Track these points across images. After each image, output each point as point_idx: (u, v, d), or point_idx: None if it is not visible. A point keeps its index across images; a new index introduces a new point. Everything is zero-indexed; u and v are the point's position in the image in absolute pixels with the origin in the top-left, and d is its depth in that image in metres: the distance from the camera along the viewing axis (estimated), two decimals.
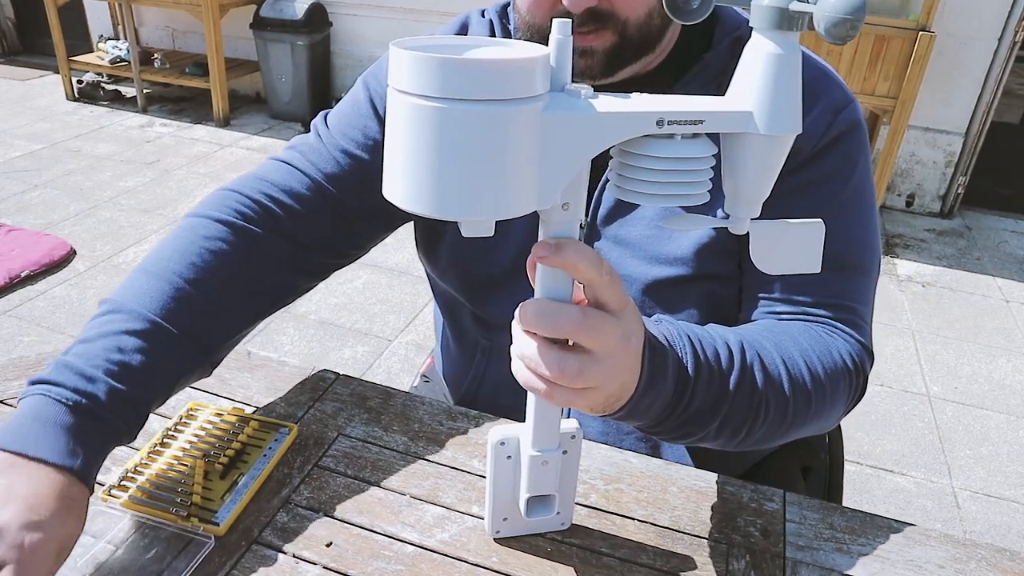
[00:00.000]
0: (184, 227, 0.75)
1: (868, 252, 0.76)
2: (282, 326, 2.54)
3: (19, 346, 2.35)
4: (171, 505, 0.68)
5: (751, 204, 0.53)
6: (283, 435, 0.77)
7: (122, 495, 0.69)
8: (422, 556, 0.66)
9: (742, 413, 0.63)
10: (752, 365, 0.64)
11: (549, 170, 0.46)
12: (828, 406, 0.69)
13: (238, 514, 0.68)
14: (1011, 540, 1.86)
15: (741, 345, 0.64)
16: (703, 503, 0.73)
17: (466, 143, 0.43)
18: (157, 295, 0.68)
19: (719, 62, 0.75)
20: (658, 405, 0.58)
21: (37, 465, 0.56)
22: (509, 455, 0.63)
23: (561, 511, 0.67)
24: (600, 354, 0.51)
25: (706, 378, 0.60)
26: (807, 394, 0.67)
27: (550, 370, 0.50)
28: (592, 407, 0.54)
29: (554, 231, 0.51)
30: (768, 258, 0.55)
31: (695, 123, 0.47)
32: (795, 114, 0.48)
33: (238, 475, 0.72)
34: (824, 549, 0.69)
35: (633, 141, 0.49)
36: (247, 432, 0.77)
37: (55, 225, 3.10)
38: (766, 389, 0.64)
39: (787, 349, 0.67)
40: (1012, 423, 2.28)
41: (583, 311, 0.50)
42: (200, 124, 4.36)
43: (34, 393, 0.60)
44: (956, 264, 3.26)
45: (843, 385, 0.70)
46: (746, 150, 0.50)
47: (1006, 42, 3.31)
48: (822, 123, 0.73)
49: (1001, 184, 3.79)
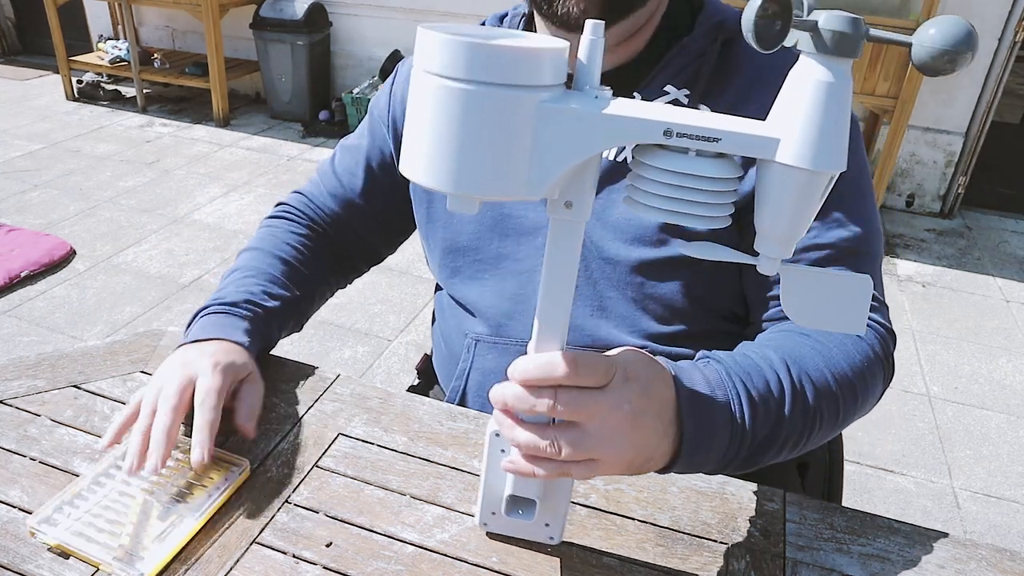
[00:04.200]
0: (272, 225, 0.98)
1: (876, 237, 0.77)
2: None
3: (19, 346, 2.35)
4: (98, 545, 0.64)
5: (782, 243, 0.48)
6: (234, 474, 0.72)
7: (50, 530, 0.64)
8: (422, 556, 0.66)
9: (799, 430, 0.65)
10: (801, 382, 0.65)
11: (541, 162, 0.46)
12: (870, 395, 0.72)
13: (168, 561, 0.63)
14: (1011, 540, 1.86)
15: (787, 365, 0.66)
16: (703, 503, 0.73)
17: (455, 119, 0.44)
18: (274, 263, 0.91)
19: (696, 46, 0.77)
20: (716, 454, 0.59)
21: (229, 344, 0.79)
22: (503, 448, 0.61)
23: (550, 524, 0.65)
24: (588, 426, 0.52)
25: (762, 414, 0.62)
26: (853, 391, 0.69)
27: (546, 450, 0.52)
28: (615, 472, 0.55)
29: (558, 231, 0.51)
30: (802, 309, 0.50)
31: (709, 140, 0.45)
32: (841, 149, 0.44)
33: (177, 516, 0.67)
34: (824, 549, 0.69)
35: (646, 151, 0.47)
36: (196, 468, 0.71)
37: (55, 225, 3.10)
38: (818, 402, 0.66)
39: (825, 351, 0.69)
40: (1012, 423, 2.28)
41: (557, 390, 0.52)
42: (200, 124, 4.36)
43: (212, 312, 0.82)
44: (956, 264, 3.26)
45: (878, 371, 0.73)
46: (779, 182, 0.45)
47: (1006, 42, 3.31)
48: None
49: (1001, 184, 3.79)
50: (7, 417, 0.79)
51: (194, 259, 2.92)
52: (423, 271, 2.87)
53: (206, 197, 3.45)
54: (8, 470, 0.72)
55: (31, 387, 0.83)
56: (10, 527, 0.66)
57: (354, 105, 4.16)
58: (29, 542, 0.65)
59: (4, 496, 0.69)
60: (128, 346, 0.91)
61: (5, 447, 0.75)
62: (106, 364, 0.87)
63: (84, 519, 0.66)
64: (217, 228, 3.18)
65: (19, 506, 0.68)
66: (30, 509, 0.68)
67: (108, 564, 0.63)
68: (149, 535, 0.65)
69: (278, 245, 0.93)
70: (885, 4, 3.22)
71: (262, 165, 3.84)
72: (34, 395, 0.82)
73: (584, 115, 0.45)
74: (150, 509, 0.68)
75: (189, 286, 2.74)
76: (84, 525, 0.66)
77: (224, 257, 2.94)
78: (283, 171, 3.79)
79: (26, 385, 0.83)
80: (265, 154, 3.98)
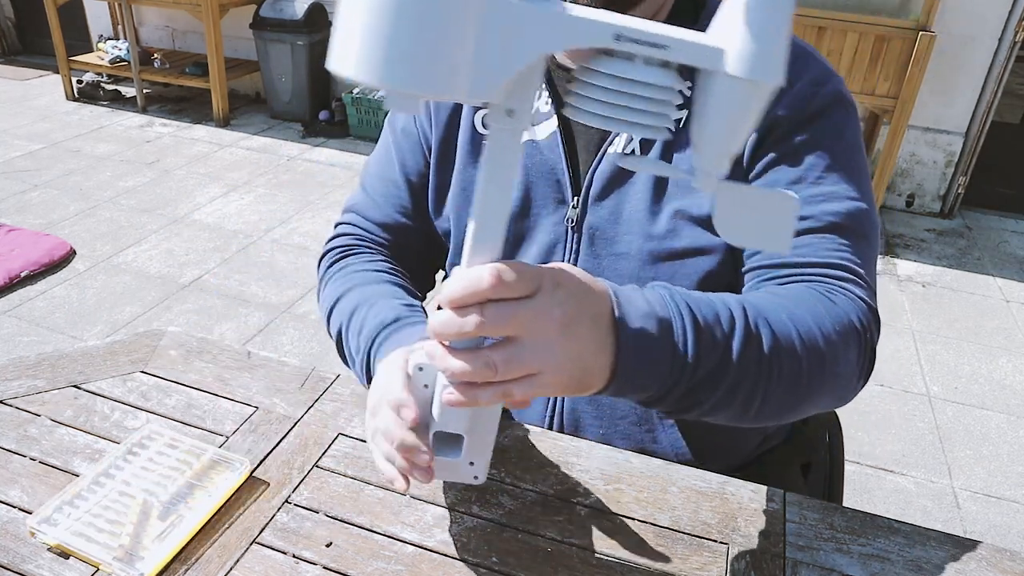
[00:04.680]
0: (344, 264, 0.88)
1: (868, 222, 0.75)
2: (282, 326, 2.54)
3: (19, 346, 2.35)
4: (97, 545, 0.64)
5: (719, 157, 0.48)
6: (234, 474, 0.72)
7: (50, 530, 0.65)
8: (422, 556, 0.66)
9: (752, 376, 0.59)
10: (757, 324, 0.60)
11: (486, 59, 0.43)
12: (842, 366, 0.66)
13: (168, 561, 0.64)
14: (1011, 540, 1.86)
15: (743, 306, 0.61)
16: (703, 503, 0.73)
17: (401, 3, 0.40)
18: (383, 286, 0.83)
19: None
20: (656, 374, 0.55)
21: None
22: (426, 384, 0.58)
23: (475, 462, 0.61)
24: (523, 337, 0.50)
25: (707, 341, 0.57)
26: (820, 354, 0.64)
27: (481, 372, 0.50)
28: (556, 390, 0.52)
29: (496, 141, 0.48)
30: (732, 225, 0.51)
31: (657, 47, 0.44)
32: (778, 61, 0.44)
33: (176, 516, 0.67)
34: (824, 549, 0.69)
35: (590, 56, 0.46)
36: (196, 468, 0.72)
37: (55, 225, 3.10)
38: (775, 347, 0.61)
39: (792, 307, 0.65)
40: (1012, 423, 2.28)
41: (483, 305, 0.49)
42: (200, 124, 4.36)
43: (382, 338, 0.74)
44: (956, 264, 3.26)
45: (854, 344, 0.67)
46: (718, 93, 0.45)
47: (1006, 42, 3.31)
48: (803, 96, 0.74)
49: (1001, 184, 3.79)
50: (7, 417, 0.79)
51: (194, 259, 2.92)
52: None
53: (206, 197, 3.45)
54: (8, 470, 0.72)
55: (31, 387, 0.83)
56: (10, 527, 0.66)
57: (354, 105, 4.16)
58: (29, 542, 0.65)
59: (4, 496, 0.69)
60: (128, 346, 0.91)
61: (5, 447, 0.75)
62: (106, 364, 0.87)
63: (84, 519, 0.66)
64: (217, 228, 3.18)
65: (19, 506, 0.68)
66: (30, 509, 0.68)
67: (108, 564, 0.63)
68: (149, 535, 0.65)
69: (369, 275, 0.85)
70: (885, 4, 3.22)
71: (262, 165, 3.84)
72: (34, 395, 0.82)
73: (538, 12, 0.43)
74: (150, 509, 0.68)
75: (189, 286, 2.74)
76: (84, 525, 0.66)
77: (224, 257, 2.95)
78: (283, 171, 3.79)
79: (26, 385, 0.83)
80: (265, 154, 3.98)
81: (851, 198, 0.74)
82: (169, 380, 0.85)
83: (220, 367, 0.88)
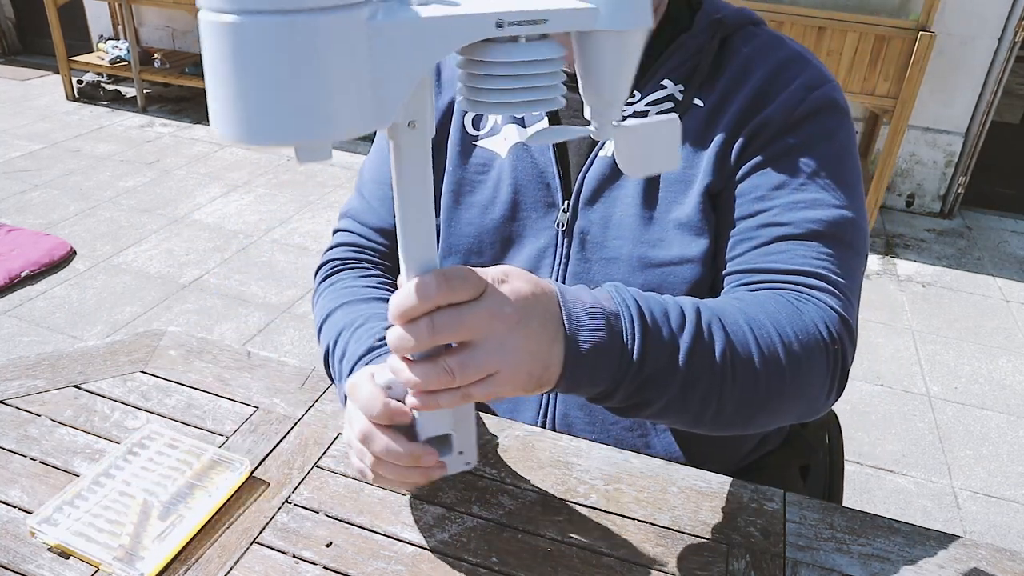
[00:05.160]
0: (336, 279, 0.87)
1: (853, 230, 0.72)
2: (282, 326, 2.54)
3: (19, 346, 2.35)
4: (98, 545, 0.64)
5: (611, 107, 0.51)
6: (234, 474, 0.72)
7: (50, 530, 0.65)
8: (422, 556, 0.66)
9: (706, 378, 0.58)
10: (710, 325, 0.59)
11: (384, 84, 0.42)
12: (805, 376, 0.64)
13: (168, 561, 0.64)
14: (1011, 540, 1.86)
15: (696, 307, 0.60)
16: (703, 503, 0.73)
17: (276, 60, 0.38)
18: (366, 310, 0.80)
19: (695, 42, 0.77)
20: (605, 366, 0.54)
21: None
22: (399, 399, 0.58)
23: (464, 451, 0.62)
24: (476, 340, 0.50)
25: (656, 335, 0.56)
26: (778, 361, 0.62)
27: (440, 379, 0.50)
28: (515, 389, 0.52)
29: (404, 155, 0.48)
30: (632, 160, 0.55)
31: (538, 23, 0.45)
32: (645, 5, 0.48)
33: (176, 516, 0.67)
34: (824, 549, 0.69)
35: (477, 48, 0.46)
36: (196, 468, 0.72)
37: (55, 225, 3.10)
38: (729, 350, 0.59)
39: (751, 312, 0.63)
40: (1012, 423, 2.28)
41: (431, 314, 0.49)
42: (200, 124, 4.36)
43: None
44: (956, 264, 3.26)
45: (819, 354, 0.64)
46: (599, 50, 0.48)
47: (1006, 42, 3.31)
48: (794, 99, 0.74)
49: (1001, 184, 3.79)
50: (7, 417, 0.79)
51: (194, 259, 2.92)
52: None
53: (206, 197, 3.45)
54: (8, 470, 0.72)
55: (31, 387, 0.83)
56: (10, 527, 0.66)
57: None
58: (29, 542, 0.65)
59: (4, 496, 0.69)
60: (128, 346, 0.91)
61: (5, 447, 0.75)
62: (106, 364, 0.87)
63: (84, 519, 0.66)
64: (217, 228, 3.18)
65: (19, 506, 0.68)
66: (30, 509, 0.68)
67: (108, 564, 0.63)
68: (149, 535, 0.65)
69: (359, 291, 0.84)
70: (885, 4, 3.22)
71: (262, 165, 3.84)
72: (34, 395, 0.82)
73: (418, 23, 0.42)
74: (150, 509, 0.68)
75: (189, 286, 2.74)
76: (84, 525, 0.66)
77: (224, 257, 2.95)
78: (283, 171, 3.79)
79: (26, 385, 0.83)
80: (265, 154, 3.98)
81: (835, 206, 0.72)
82: (169, 380, 0.85)
83: (220, 367, 0.88)
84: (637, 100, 0.78)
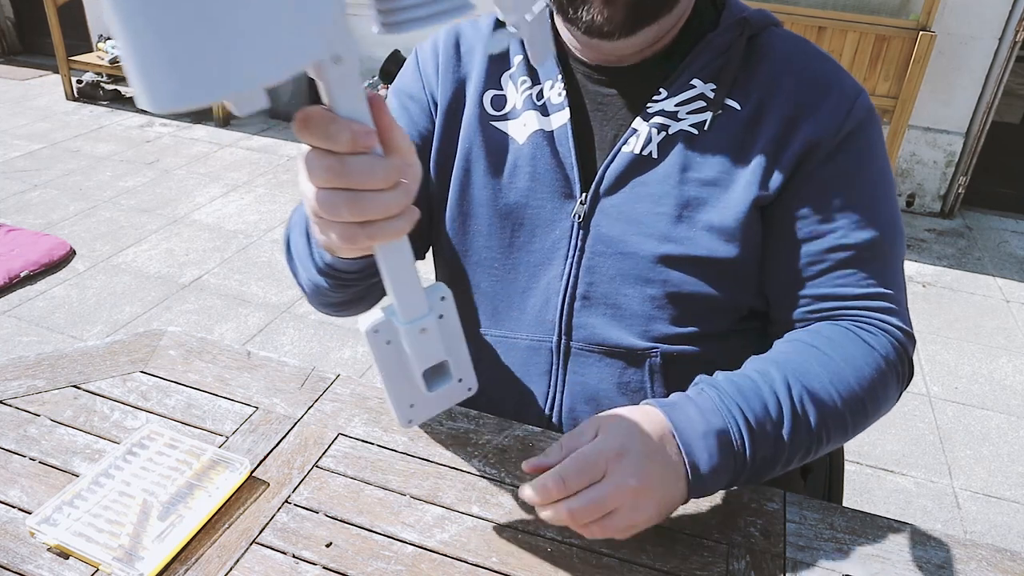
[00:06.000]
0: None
1: (898, 235, 0.78)
2: (282, 326, 2.54)
3: (19, 346, 2.35)
4: (97, 545, 0.64)
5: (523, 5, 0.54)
6: (234, 474, 0.72)
7: (50, 530, 0.65)
8: (422, 556, 0.66)
9: (803, 449, 0.68)
10: (803, 405, 0.68)
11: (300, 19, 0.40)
12: (881, 405, 0.74)
13: (168, 561, 0.64)
14: (1011, 540, 1.86)
15: (788, 386, 0.68)
16: (703, 503, 0.73)
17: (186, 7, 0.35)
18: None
19: (721, 41, 0.77)
20: (721, 480, 0.64)
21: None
22: (388, 340, 0.58)
23: (463, 377, 0.62)
24: (612, 510, 0.60)
25: (761, 438, 0.65)
26: (862, 406, 0.71)
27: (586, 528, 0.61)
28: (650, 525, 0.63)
29: (336, 92, 0.46)
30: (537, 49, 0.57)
31: None
32: None
33: (176, 516, 0.67)
34: (824, 549, 0.69)
35: None
36: (196, 468, 0.72)
37: (55, 225, 3.10)
38: (822, 423, 0.68)
39: (835, 368, 0.70)
40: (1012, 423, 2.28)
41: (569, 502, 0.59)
42: (200, 124, 4.36)
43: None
44: (956, 264, 3.26)
45: (891, 381, 0.74)
46: None
47: (1006, 42, 3.31)
48: (841, 110, 0.75)
49: (1001, 184, 3.79)
50: (7, 417, 0.79)
51: (194, 259, 2.92)
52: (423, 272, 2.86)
53: (206, 197, 3.45)
54: (8, 470, 0.72)
55: (31, 387, 0.83)
56: (10, 527, 0.66)
57: None
58: (29, 542, 0.65)
59: (4, 496, 0.69)
60: (128, 346, 0.91)
61: (5, 447, 0.75)
62: (106, 364, 0.87)
63: (84, 519, 0.66)
64: (217, 228, 3.18)
65: (19, 506, 0.68)
66: (30, 509, 0.68)
67: (108, 564, 0.63)
68: (149, 535, 0.65)
69: None
70: (885, 4, 3.22)
71: (262, 165, 3.84)
72: (34, 395, 0.82)
73: None
74: (150, 509, 0.68)
75: (189, 286, 2.74)
76: (84, 525, 0.66)
77: (224, 257, 2.95)
78: (283, 171, 3.79)
79: (26, 385, 0.83)
80: (265, 154, 3.98)
81: (886, 217, 0.77)
82: (169, 380, 0.85)
83: (220, 367, 0.88)
84: (665, 98, 0.77)
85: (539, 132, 0.80)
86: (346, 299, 0.81)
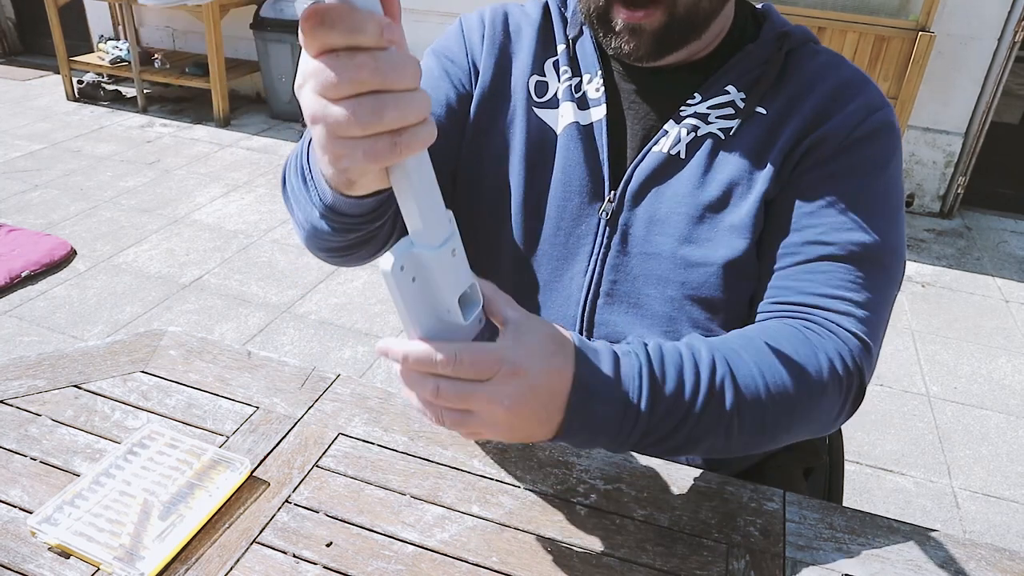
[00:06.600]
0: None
1: (890, 254, 0.74)
2: (282, 326, 2.54)
3: (19, 346, 2.35)
4: (98, 545, 0.64)
5: None
6: (234, 474, 0.72)
7: (50, 530, 0.65)
8: (422, 556, 0.66)
9: (714, 428, 0.62)
10: (722, 385, 0.63)
11: None
12: (816, 411, 0.68)
13: (168, 561, 0.64)
14: (1011, 540, 1.86)
15: (712, 361, 0.63)
16: (703, 503, 0.73)
17: None
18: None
19: (761, 52, 0.78)
20: (601, 439, 0.59)
21: None
22: (414, 276, 0.52)
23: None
24: (473, 411, 0.54)
25: (663, 412, 0.60)
26: (788, 405, 0.65)
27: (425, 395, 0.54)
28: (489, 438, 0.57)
29: None
30: None
31: None
32: None
33: (177, 516, 0.68)
34: (824, 549, 0.69)
35: None
36: (196, 468, 0.72)
37: (55, 225, 3.10)
38: (737, 408, 0.63)
39: (770, 362, 0.66)
40: (1012, 423, 2.28)
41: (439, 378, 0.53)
42: (200, 124, 4.36)
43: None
44: (956, 264, 3.26)
45: (834, 390, 0.68)
46: None
47: (1006, 42, 3.31)
48: (856, 117, 0.75)
49: (1001, 184, 3.79)
50: (7, 417, 0.79)
51: (194, 259, 2.92)
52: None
53: (206, 197, 3.45)
54: (8, 470, 0.72)
55: (31, 387, 0.83)
56: (10, 527, 0.66)
57: None
58: (30, 542, 0.65)
59: (4, 496, 0.69)
60: (128, 346, 0.91)
61: (5, 447, 0.75)
62: (106, 364, 0.87)
63: (84, 519, 0.67)
64: (217, 228, 3.18)
65: (19, 506, 0.68)
66: (30, 509, 0.68)
67: (108, 564, 0.63)
68: (149, 535, 0.66)
69: None
70: (885, 4, 3.22)
71: (262, 165, 3.84)
72: (34, 395, 0.82)
73: None
74: (150, 509, 0.68)
75: (189, 286, 2.74)
76: (84, 525, 0.66)
77: (224, 257, 2.95)
78: None
79: (26, 385, 0.83)
80: (265, 154, 3.98)
81: (880, 231, 0.74)
82: (169, 380, 0.85)
83: (220, 367, 0.88)
84: (699, 102, 0.77)
85: (575, 125, 0.80)
86: (346, 244, 0.76)
